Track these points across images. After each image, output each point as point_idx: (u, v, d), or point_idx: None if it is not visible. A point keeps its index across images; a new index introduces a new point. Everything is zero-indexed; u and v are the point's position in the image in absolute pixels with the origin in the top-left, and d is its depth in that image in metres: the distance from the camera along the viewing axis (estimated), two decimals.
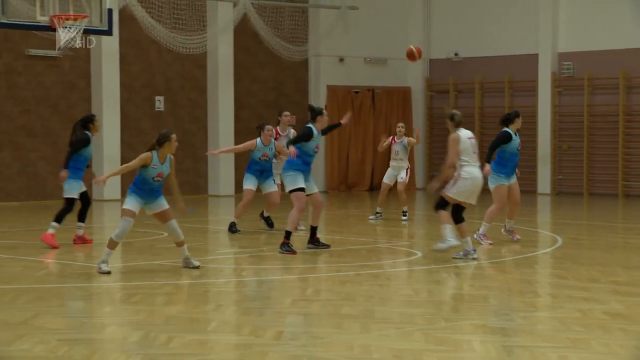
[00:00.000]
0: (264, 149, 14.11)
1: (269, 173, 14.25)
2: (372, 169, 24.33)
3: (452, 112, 11.60)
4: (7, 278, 10.24)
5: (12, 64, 19.97)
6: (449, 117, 11.55)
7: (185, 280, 10.20)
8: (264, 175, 14.24)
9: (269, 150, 14.14)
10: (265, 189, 14.27)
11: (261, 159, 14.13)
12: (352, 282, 10.05)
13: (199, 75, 22.36)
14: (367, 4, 23.96)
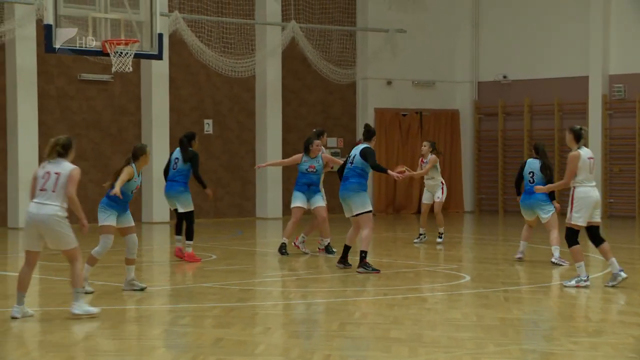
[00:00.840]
0: (311, 161, 14.16)
1: (316, 187, 14.23)
2: (419, 192, 24.21)
3: (576, 128, 11.09)
4: (58, 300, 10.35)
5: (65, 88, 20.28)
6: (571, 132, 11.05)
7: (233, 303, 10.23)
8: (312, 190, 14.21)
9: (316, 163, 14.17)
10: (312, 204, 14.26)
11: (308, 171, 14.16)
12: (400, 306, 10.00)
13: (247, 98, 22.51)
14: (415, 27, 23.97)
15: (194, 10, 21.26)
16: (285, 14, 22.23)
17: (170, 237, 18.35)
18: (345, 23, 23.43)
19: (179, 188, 13.70)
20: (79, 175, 9.25)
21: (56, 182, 9.16)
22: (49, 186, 9.15)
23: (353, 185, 12.40)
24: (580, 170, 10.98)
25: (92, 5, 14.30)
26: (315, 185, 14.21)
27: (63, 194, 9.14)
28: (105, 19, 14.32)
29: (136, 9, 14.65)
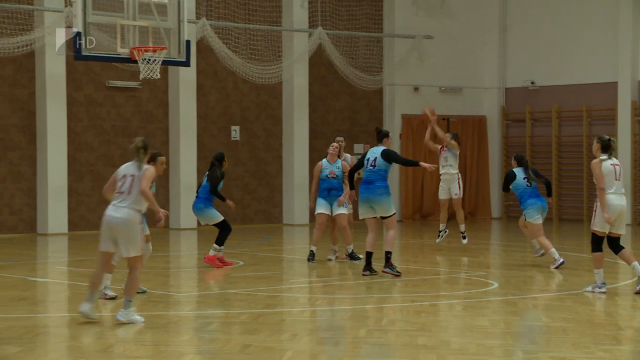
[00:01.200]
0: (330, 166, 14.24)
1: (337, 192, 14.22)
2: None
3: (604, 138, 11.04)
4: None
5: (93, 95, 20.42)
6: (599, 141, 11.02)
7: (260, 309, 10.24)
8: (333, 195, 14.22)
9: (336, 168, 14.22)
10: (334, 210, 14.27)
11: (328, 177, 14.22)
12: (428, 313, 9.97)
13: (274, 104, 22.56)
14: (442, 33, 23.93)
15: (222, 17, 21.34)
16: (312, 20, 22.27)
17: (198, 244, 18.40)
18: (372, 29, 23.43)
19: (199, 205, 14.00)
20: (153, 173, 9.32)
21: (131, 184, 9.22)
22: (125, 189, 9.22)
23: (380, 189, 12.46)
24: (605, 178, 10.92)
25: (120, 12, 14.39)
26: (336, 190, 14.22)
27: (137, 195, 9.17)
28: (134, 26, 14.40)
29: (164, 16, 14.73)
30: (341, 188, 14.22)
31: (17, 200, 19.54)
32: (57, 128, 19.60)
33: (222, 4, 21.42)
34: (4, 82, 19.41)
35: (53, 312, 10.57)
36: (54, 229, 19.52)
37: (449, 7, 24.11)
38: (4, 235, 19.22)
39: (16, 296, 11.05)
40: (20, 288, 11.87)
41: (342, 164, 14.28)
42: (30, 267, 14.69)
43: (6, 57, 18.74)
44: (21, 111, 19.59)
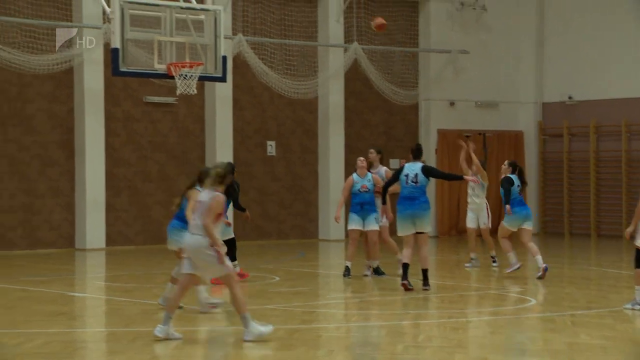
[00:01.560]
0: (362, 180, 14.18)
1: (370, 207, 14.10)
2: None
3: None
4: (125, 321, 10.46)
5: (131, 111, 20.59)
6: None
7: (296, 324, 10.22)
8: (365, 210, 14.11)
9: (367, 182, 14.17)
10: (366, 225, 14.14)
11: (360, 191, 14.15)
12: (465, 329, 9.89)
13: (310, 120, 22.60)
14: (478, 48, 23.85)
15: (257, 32, 21.44)
16: (348, 35, 22.30)
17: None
18: (407, 44, 23.41)
19: None
20: (220, 203, 9.11)
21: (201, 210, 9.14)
22: (196, 215, 9.15)
23: (425, 205, 12.70)
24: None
25: (157, 28, 14.50)
26: (369, 204, 14.13)
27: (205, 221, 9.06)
28: (171, 42, 14.51)
29: (201, 32, 14.83)
30: (374, 202, 14.16)
31: (56, 215, 19.71)
32: (95, 144, 19.77)
33: (258, 20, 21.53)
34: (43, 99, 19.63)
35: (91, 327, 10.63)
36: (92, 244, 19.67)
37: (485, 21, 24.03)
38: (43, 250, 19.39)
39: (55, 311, 11.13)
40: (58, 303, 11.95)
41: (373, 177, 14.22)
42: (68, 282, 14.80)
43: (45, 74, 18.95)
44: (60, 127, 19.79)
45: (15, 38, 18.50)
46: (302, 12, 22.11)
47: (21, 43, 18.54)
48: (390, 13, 22.97)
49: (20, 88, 19.38)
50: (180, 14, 14.59)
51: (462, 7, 23.53)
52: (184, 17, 14.61)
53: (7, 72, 18.71)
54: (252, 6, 21.49)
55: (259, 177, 22.01)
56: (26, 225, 19.47)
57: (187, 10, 14.68)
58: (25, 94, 19.46)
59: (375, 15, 22.53)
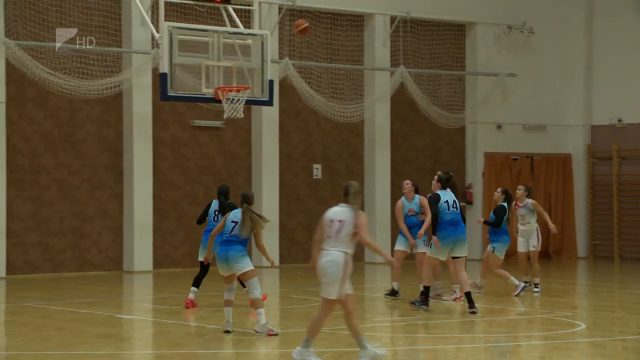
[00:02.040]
0: (409, 204, 14.37)
1: (417, 229, 14.26)
2: None
3: None
4: (172, 343, 10.51)
5: (178, 135, 20.78)
6: None
7: (342, 348, 10.19)
8: (412, 232, 14.30)
9: (414, 205, 14.31)
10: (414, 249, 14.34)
11: (408, 214, 14.34)
12: (513, 353, 9.79)
13: (356, 143, 22.62)
14: (526, 71, 23.72)
15: (304, 56, 21.56)
16: (394, 59, 22.34)
17: (280, 282, 18.47)
18: (454, 67, 23.38)
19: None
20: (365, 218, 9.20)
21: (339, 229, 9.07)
22: (332, 233, 9.08)
23: (465, 229, 13.14)
24: None
25: (205, 53, 14.65)
26: (416, 227, 14.26)
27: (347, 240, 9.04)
28: (218, 67, 14.65)
29: (248, 57, 14.96)
30: (420, 225, 14.20)
31: (104, 238, 19.92)
32: (144, 167, 19.97)
33: (304, 44, 21.65)
34: (93, 123, 19.90)
35: (139, 349, 10.70)
36: (140, 267, 19.83)
37: (533, 44, 23.91)
38: (91, 273, 19.59)
39: (103, 333, 11.22)
40: (107, 325, 12.06)
41: (420, 200, 14.36)
42: (116, 304, 14.93)
43: (95, 99, 19.22)
44: (109, 151, 20.03)
45: (67, 64, 18.81)
46: (349, 36, 22.20)
47: (72, 69, 18.83)
48: (437, 36, 22.98)
49: (71, 113, 19.67)
50: (228, 38, 14.73)
51: (509, 30, 23.44)
52: (232, 42, 14.75)
53: (58, 98, 19.02)
54: None
55: (305, 200, 22.05)
56: (75, 247, 19.69)
57: (234, 35, 14.82)
58: (76, 119, 19.75)
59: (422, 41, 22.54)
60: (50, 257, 19.42)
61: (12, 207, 18.95)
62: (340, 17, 21.97)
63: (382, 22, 22.17)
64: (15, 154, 19.05)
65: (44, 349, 9.99)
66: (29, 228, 19.21)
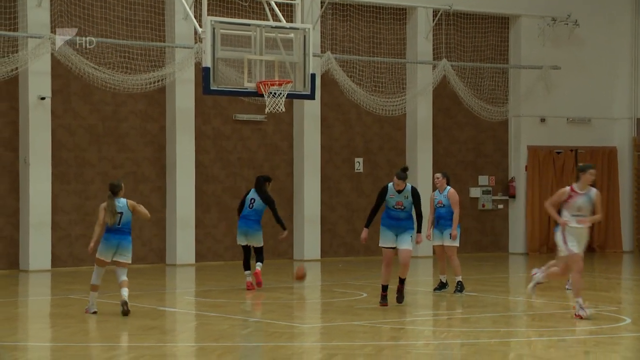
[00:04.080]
0: (439, 196, 14.47)
1: (445, 221, 14.32)
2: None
3: None
4: (214, 335, 10.57)
5: (221, 129, 20.87)
6: None
7: (384, 341, 10.18)
8: (441, 224, 14.35)
9: (444, 197, 14.40)
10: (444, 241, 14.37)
11: (437, 206, 14.46)
12: (557, 348, 9.71)
13: (397, 136, 22.56)
14: (571, 63, 23.46)
15: (346, 50, 21.53)
16: (437, 52, 22.22)
17: (322, 275, 18.48)
18: (497, 60, 23.20)
19: (257, 227, 14.66)
20: None
21: None
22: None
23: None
24: None
25: (247, 47, 14.69)
26: (444, 219, 14.30)
27: None
28: (260, 61, 14.68)
29: (290, 51, 14.96)
30: (449, 217, 14.21)
31: (146, 231, 20.07)
32: (186, 161, 20.09)
33: (346, 38, 21.62)
34: (136, 117, 20.05)
35: (182, 341, 10.78)
36: (182, 260, 19.96)
37: (578, 36, 23.64)
38: (134, 266, 19.72)
39: (146, 325, 11.32)
40: (150, 317, 12.15)
41: (449, 193, 14.37)
42: (159, 297, 15.04)
43: (139, 93, 19.37)
44: (152, 145, 20.18)
45: (111, 59, 18.97)
46: (391, 30, 22.13)
47: (116, 63, 18.99)
48: (480, 29, 22.81)
49: (115, 107, 19.84)
50: (270, 32, 14.75)
51: (553, 22, 23.20)
52: (274, 36, 14.77)
53: (102, 92, 19.19)
54: (341, 24, 21.60)
55: (347, 194, 22.04)
56: None
57: (276, 29, 14.84)
58: (120, 113, 19.91)
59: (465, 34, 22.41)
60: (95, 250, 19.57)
61: (57, 201, 19.17)
62: (383, 10, 21.90)
63: (424, 15, 22.06)
64: (60, 148, 19.26)
65: (88, 341, 10.09)
66: (74, 221, 19.42)
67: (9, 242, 18.80)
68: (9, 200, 18.82)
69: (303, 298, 14.85)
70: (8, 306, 13.66)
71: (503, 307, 12.71)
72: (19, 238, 18.83)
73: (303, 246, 21.12)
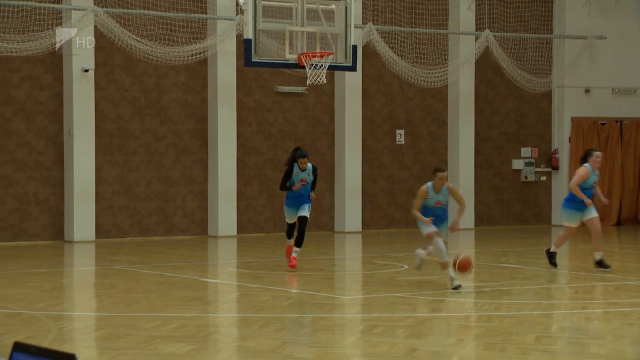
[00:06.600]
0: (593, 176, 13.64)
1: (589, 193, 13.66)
2: (619, 203, 23.34)
3: None
4: (255, 307, 10.64)
5: (262, 101, 20.89)
6: None
7: (426, 313, 10.18)
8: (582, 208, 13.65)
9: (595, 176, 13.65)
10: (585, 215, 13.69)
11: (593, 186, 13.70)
12: (600, 320, 9.64)
13: (439, 108, 22.42)
14: (616, 33, 23.12)
15: (387, 21, 21.39)
16: (479, 23, 22.00)
17: (362, 247, 18.50)
18: (541, 31, 22.92)
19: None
20: None
21: None
22: None
23: None
24: None
25: (289, 19, 14.66)
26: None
27: None
28: (302, 32, 14.64)
29: (331, 22, 14.90)
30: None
31: (189, 203, 20.21)
32: (228, 133, 20.16)
33: (388, 9, 21.47)
34: (178, 89, 20.14)
35: (223, 312, 10.87)
36: (224, 232, 20.08)
37: (624, 6, 23.27)
38: (177, 237, 19.92)
39: (189, 296, 11.42)
40: (192, 288, 12.26)
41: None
42: (201, 268, 15.16)
43: (181, 65, 19.43)
44: (194, 117, 20.26)
45: (153, 31, 19.03)
46: (433, 0, 21.93)
47: (158, 35, 19.05)
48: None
49: (157, 79, 19.93)
50: (311, 4, 14.70)
51: None
52: (315, 7, 14.71)
53: (144, 64, 19.28)
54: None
55: (388, 166, 21.99)
56: (161, 212, 20.03)
57: (318, 0, 14.78)
58: (162, 85, 20.00)
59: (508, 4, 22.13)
60: (137, 221, 19.79)
61: (101, 172, 19.35)
62: None
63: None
64: (104, 120, 19.42)
65: (132, 311, 10.21)
66: (117, 192, 19.61)
67: (54, 213, 19.03)
68: (54, 172, 19.04)
69: (344, 270, 14.87)
70: (54, 276, 13.86)
71: (545, 279, 12.62)
72: (64, 209, 19.07)
73: (344, 219, 21.14)
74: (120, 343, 8.29)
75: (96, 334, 9.13)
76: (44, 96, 18.91)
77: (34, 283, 12.60)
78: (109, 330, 9.01)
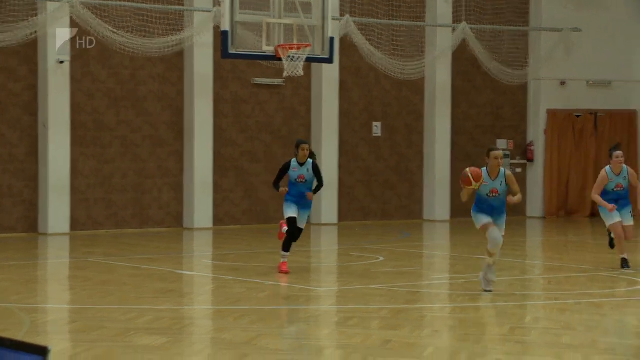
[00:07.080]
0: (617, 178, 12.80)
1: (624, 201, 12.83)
2: None
3: None
4: (231, 299, 10.64)
5: (239, 93, 20.85)
6: None
7: (401, 304, 10.21)
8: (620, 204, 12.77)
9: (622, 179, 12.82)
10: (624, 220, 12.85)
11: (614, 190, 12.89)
12: (572, 311, 9.71)
13: (416, 100, 22.47)
14: (592, 26, 23.24)
15: (365, 13, 21.39)
16: (456, 15, 22.05)
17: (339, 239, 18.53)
18: (517, 23, 23.00)
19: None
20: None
21: None
22: None
23: None
24: None
25: (266, 11, 14.63)
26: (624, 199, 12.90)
27: None
28: (279, 24, 14.62)
29: (309, 14, 14.88)
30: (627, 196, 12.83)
31: (165, 195, 20.15)
32: (204, 125, 20.11)
33: (365, 1, 21.47)
34: (155, 81, 20.06)
35: (198, 304, 10.86)
36: (200, 224, 20.04)
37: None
38: (152, 229, 19.87)
39: (164, 288, 11.40)
40: (168, 280, 12.24)
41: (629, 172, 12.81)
42: (177, 261, 15.14)
43: (157, 57, 19.36)
44: (170, 108, 20.20)
45: (129, 22, 18.94)
46: None
47: (134, 27, 18.96)
48: None
49: (133, 71, 19.84)
50: None
51: None
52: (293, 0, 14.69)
53: (121, 56, 19.18)
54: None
55: (365, 158, 22.03)
56: (137, 204, 19.96)
57: None
58: (138, 77, 19.92)
59: None
60: (113, 214, 19.72)
61: (76, 164, 19.26)
62: None
63: None
64: (79, 112, 19.31)
65: (106, 304, 10.19)
66: (92, 185, 19.52)
67: (28, 206, 18.93)
68: (28, 164, 18.93)
69: (320, 262, 14.90)
70: (28, 268, 13.80)
71: (520, 271, 12.69)
72: (38, 201, 18.96)
73: (321, 211, 21.15)
74: (94, 335, 8.27)
75: (70, 326, 9.11)
76: (18, 88, 18.79)
77: (7, 276, 12.54)
78: (83, 323, 8.99)
